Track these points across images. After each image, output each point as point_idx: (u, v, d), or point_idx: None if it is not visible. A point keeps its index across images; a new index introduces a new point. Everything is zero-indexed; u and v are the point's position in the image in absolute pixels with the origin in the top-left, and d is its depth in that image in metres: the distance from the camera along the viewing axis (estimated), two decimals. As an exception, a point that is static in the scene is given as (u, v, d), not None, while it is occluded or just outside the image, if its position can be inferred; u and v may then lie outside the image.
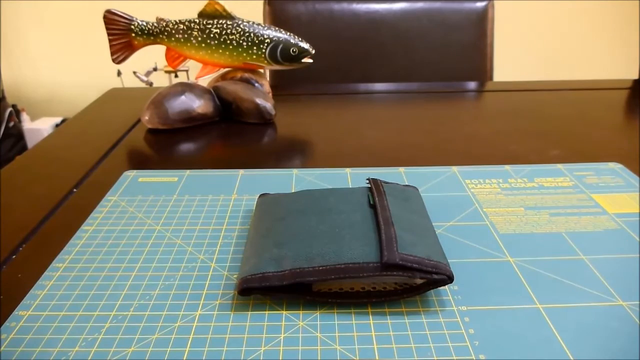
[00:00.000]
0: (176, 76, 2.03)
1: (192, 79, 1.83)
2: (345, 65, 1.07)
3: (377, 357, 0.29)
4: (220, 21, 0.63)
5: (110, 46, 0.65)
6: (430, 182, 0.49)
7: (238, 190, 0.48)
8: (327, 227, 0.36)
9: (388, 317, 0.32)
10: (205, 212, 0.44)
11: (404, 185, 0.43)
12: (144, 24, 0.64)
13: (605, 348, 0.29)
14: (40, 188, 0.50)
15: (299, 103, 0.78)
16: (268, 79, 1.04)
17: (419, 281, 0.33)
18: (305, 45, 0.64)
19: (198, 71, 0.66)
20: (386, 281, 0.34)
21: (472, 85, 0.92)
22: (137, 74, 1.96)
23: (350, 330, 0.31)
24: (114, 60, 0.66)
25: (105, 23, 0.64)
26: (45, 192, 0.49)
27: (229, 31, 0.62)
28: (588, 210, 0.44)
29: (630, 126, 0.66)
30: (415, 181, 0.49)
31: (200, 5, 0.63)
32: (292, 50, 0.63)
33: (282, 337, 0.30)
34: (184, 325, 0.31)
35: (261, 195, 0.43)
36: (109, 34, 0.64)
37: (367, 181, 0.41)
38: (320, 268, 0.32)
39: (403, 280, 0.34)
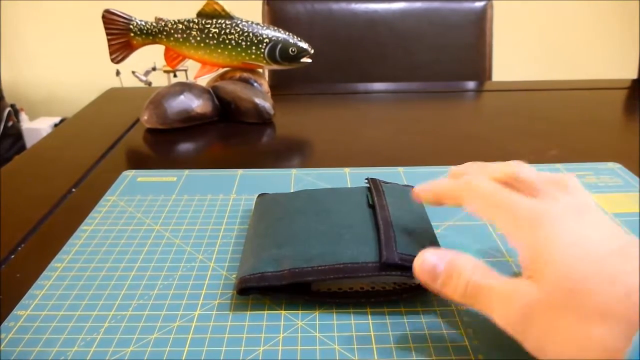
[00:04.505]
0: (175, 76, 2.03)
1: (190, 79, 1.83)
2: (344, 65, 1.07)
3: (376, 357, 0.29)
4: (219, 21, 0.63)
5: (109, 46, 0.65)
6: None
7: (237, 190, 0.48)
8: (326, 227, 0.36)
9: (387, 317, 0.32)
10: (204, 212, 0.44)
11: (403, 185, 0.43)
12: (143, 23, 0.64)
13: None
14: (39, 188, 0.50)
15: (298, 103, 0.78)
16: (267, 78, 1.04)
17: (418, 281, 0.33)
18: (304, 45, 0.64)
19: (197, 71, 0.66)
20: (385, 281, 0.34)
21: (471, 85, 0.92)
22: (136, 74, 1.96)
23: (349, 330, 0.31)
24: (112, 60, 0.66)
25: (104, 23, 0.64)
26: (43, 192, 0.49)
27: (227, 31, 0.62)
28: (587, 210, 0.44)
29: (630, 126, 0.66)
30: (414, 181, 0.49)
31: (199, 5, 0.63)
32: (291, 50, 0.63)
33: (280, 337, 0.30)
34: (182, 325, 0.31)
35: (260, 195, 0.43)
36: (107, 34, 0.64)
37: (366, 181, 0.41)
38: (319, 268, 0.32)
39: (402, 280, 0.34)
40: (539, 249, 0.25)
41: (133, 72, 1.96)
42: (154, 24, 0.64)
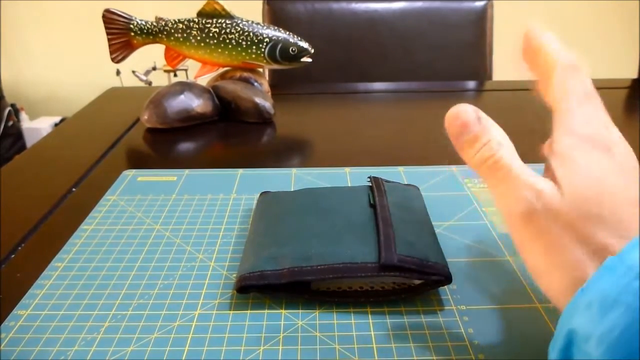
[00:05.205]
0: (175, 75, 2.03)
1: (191, 78, 1.82)
2: (345, 64, 1.07)
3: (376, 357, 0.29)
4: (220, 20, 0.63)
5: (109, 45, 0.65)
6: (430, 181, 0.49)
7: (237, 189, 0.48)
8: (327, 226, 0.36)
9: (387, 316, 0.32)
10: (205, 211, 0.44)
11: (405, 184, 0.43)
12: (143, 23, 0.64)
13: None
14: (39, 187, 0.50)
15: (298, 102, 0.78)
16: (267, 78, 1.04)
17: (418, 281, 0.33)
18: (304, 44, 0.64)
19: (197, 70, 0.66)
20: (384, 281, 0.34)
21: (471, 84, 0.92)
22: (136, 73, 1.95)
23: (350, 330, 0.31)
24: (113, 60, 0.66)
25: (105, 22, 0.64)
26: (44, 192, 0.49)
27: (228, 30, 0.62)
28: (587, 210, 0.43)
29: (630, 126, 0.66)
30: (415, 180, 0.49)
31: (199, 5, 0.63)
32: (291, 50, 0.63)
33: (281, 337, 0.30)
34: (183, 324, 0.31)
35: (262, 193, 0.43)
36: (108, 33, 0.64)
37: (369, 179, 0.41)
38: (319, 267, 0.32)
39: (401, 280, 0.34)
40: (571, 157, 0.24)
41: (133, 72, 1.95)
42: (154, 23, 0.64)
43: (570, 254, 0.23)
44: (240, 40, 0.62)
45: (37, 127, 2.16)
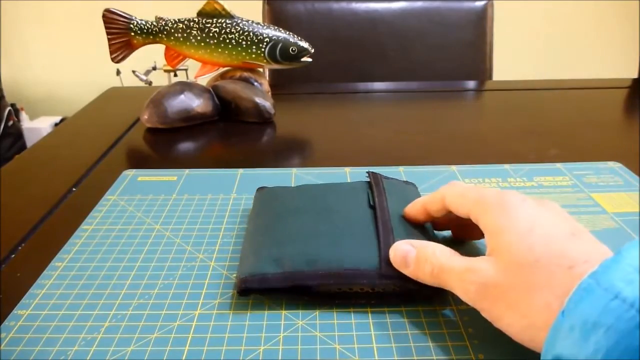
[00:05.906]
0: (175, 75, 2.03)
1: (191, 78, 1.83)
2: (345, 64, 1.07)
3: (376, 357, 0.29)
4: (220, 20, 0.63)
5: (110, 45, 0.65)
6: (430, 181, 0.49)
7: (237, 189, 0.48)
8: (327, 227, 0.36)
9: (387, 316, 0.32)
10: (205, 211, 0.44)
11: (404, 181, 0.43)
12: (143, 23, 0.64)
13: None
14: (39, 187, 0.50)
15: (298, 102, 0.78)
16: (267, 78, 1.04)
17: (417, 286, 0.33)
18: (304, 44, 0.63)
19: (197, 70, 0.66)
20: (385, 283, 0.34)
21: (471, 84, 0.92)
22: (136, 73, 1.95)
23: (350, 330, 0.31)
24: (113, 60, 0.65)
25: (105, 22, 0.64)
26: (44, 192, 0.49)
27: (228, 30, 0.62)
28: (587, 210, 0.44)
29: (630, 125, 0.66)
30: (415, 180, 0.49)
31: (199, 5, 0.63)
32: (292, 50, 0.63)
33: (281, 337, 0.30)
34: (183, 324, 0.31)
35: (259, 189, 0.43)
36: (108, 33, 0.64)
37: (367, 175, 0.41)
38: (320, 272, 0.32)
39: (402, 282, 0.33)
40: (500, 231, 0.28)
41: (133, 72, 1.95)
42: (155, 23, 0.64)
43: (529, 299, 0.25)
44: (240, 40, 0.62)
45: (37, 127, 2.16)
